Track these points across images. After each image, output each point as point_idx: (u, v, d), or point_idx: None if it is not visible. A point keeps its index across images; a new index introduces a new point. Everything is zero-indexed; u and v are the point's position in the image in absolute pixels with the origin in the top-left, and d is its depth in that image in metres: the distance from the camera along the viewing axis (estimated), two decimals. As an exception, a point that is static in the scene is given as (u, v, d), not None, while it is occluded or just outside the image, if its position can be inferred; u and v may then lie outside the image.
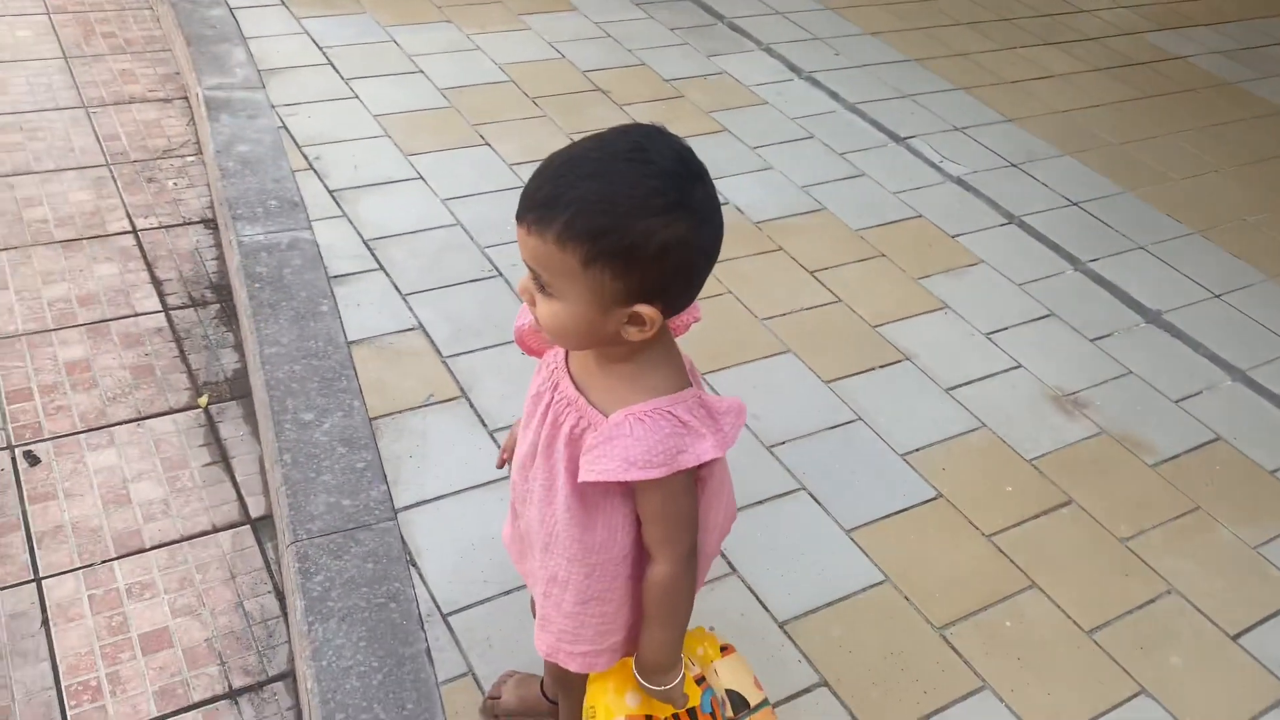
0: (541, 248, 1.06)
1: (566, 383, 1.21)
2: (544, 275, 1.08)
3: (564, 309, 1.09)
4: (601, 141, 1.07)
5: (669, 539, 1.21)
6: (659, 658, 1.28)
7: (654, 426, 1.12)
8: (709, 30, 4.35)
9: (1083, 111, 4.17)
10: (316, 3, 4.05)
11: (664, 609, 1.25)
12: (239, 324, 2.62)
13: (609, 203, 1.03)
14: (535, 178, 1.07)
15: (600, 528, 1.23)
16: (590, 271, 1.05)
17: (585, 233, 1.03)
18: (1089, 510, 2.32)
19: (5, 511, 2.09)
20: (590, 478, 1.15)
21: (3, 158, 3.11)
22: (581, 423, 1.18)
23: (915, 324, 2.81)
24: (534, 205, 1.06)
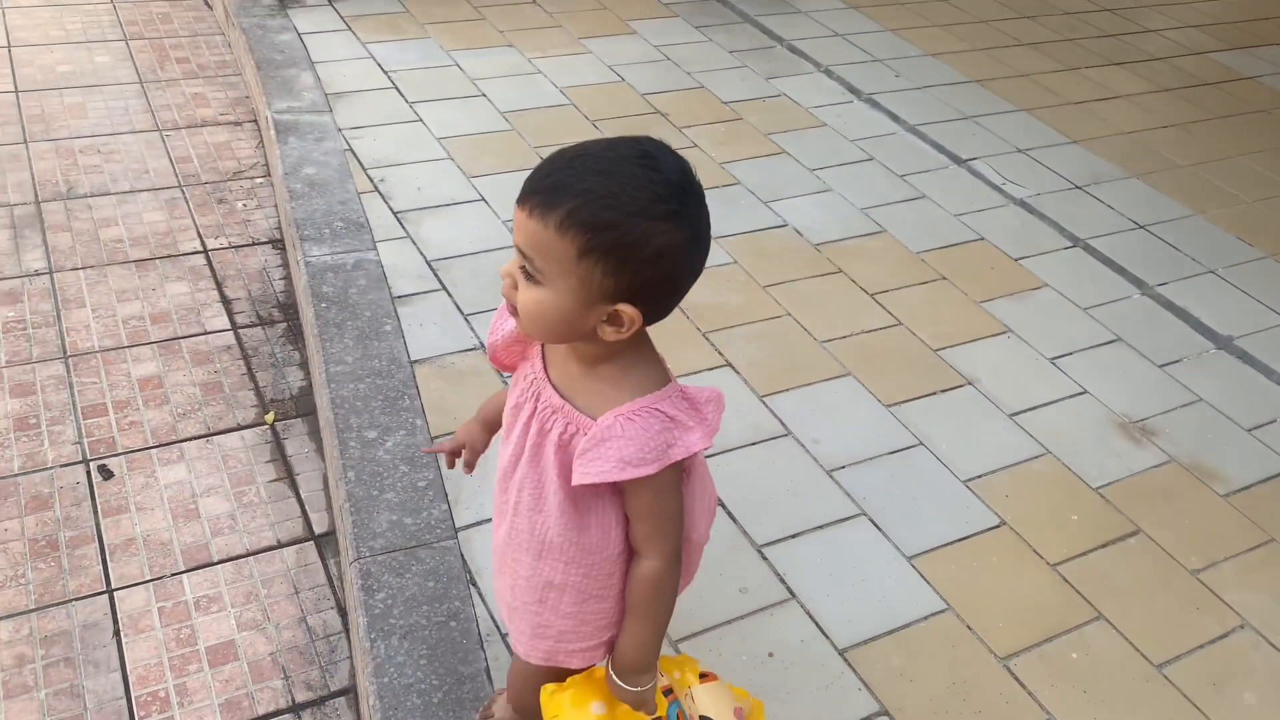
0: (541, 232, 1.07)
1: (549, 391, 1.23)
2: (536, 260, 1.09)
3: (548, 297, 1.11)
4: (612, 144, 1.10)
5: (657, 534, 1.24)
6: (639, 655, 1.29)
7: (644, 425, 1.15)
8: (768, 53, 4.36)
9: (1150, 133, 4.10)
10: (382, 28, 4.13)
11: (649, 605, 1.27)
12: (305, 343, 2.67)
13: (615, 199, 1.05)
14: (544, 165, 1.09)
15: (594, 528, 1.25)
16: (584, 263, 1.07)
17: (587, 223, 1.05)
18: (1158, 541, 2.27)
19: (80, 524, 2.14)
20: (586, 480, 1.16)
21: (82, 179, 3.21)
22: (570, 428, 1.20)
23: (978, 348, 2.78)
24: (540, 189, 1.07)
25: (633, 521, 1.24)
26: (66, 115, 3.53)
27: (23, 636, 1.92)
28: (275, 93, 3.54)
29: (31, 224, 2.98)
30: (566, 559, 1.26)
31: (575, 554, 1.26)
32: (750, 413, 2.47)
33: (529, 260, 1.10)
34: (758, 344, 2.69)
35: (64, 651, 1.90)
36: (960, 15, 5.00)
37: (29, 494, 2.19)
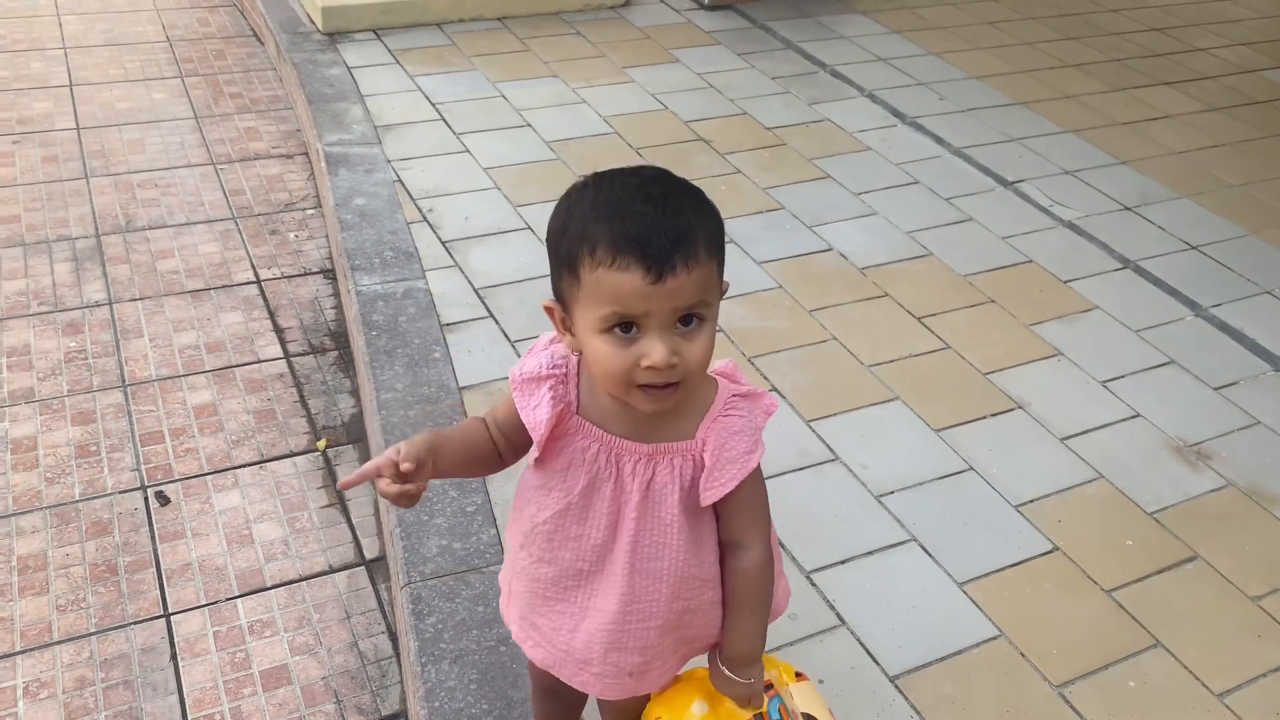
0: (700, 272, 1.08)
1: (631, 445, 1.21)
2: (705, 301, 1.10)
3: (710, 327, 1.13)
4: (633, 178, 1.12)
5: (757, 523, 1.26)
6: (751, 647, 1.30)
7: (740, 414, 1.20)
8: (811, 78, 4.37)
9: (1200, 152, 4.05)
10: (429, 61, 4.21)
11: (759, 595, 1.29)
12: (356, 370, 2.71)
13: (704, 206, 1.12)
14: (644, 237, 1.05)
15: (708, 539, 1.27)
16: (720, 269, 1.13)
17: (714, 236, 1.11)
18: (1216, 567, 2.22)
19: (138, 549, 2.19)
20: (729, 487, 1.19)
21: (140, 212, 3.30)
22: (676, 461, 1.21)
23: (1027, 371, 2.75)
24: (675, 246, 1.06)
25: (731, 516, 1.25)
26: (125, 151, 3.63)
27: (84, 659, 1.96)
28: (326, 126, 3.61)
29: (92, 256, 3.07)
30: (698, 582, 1.28)
31: (703, 573, 1.28)
32: (797, 438, 2.46)
33: (697, 310, 1.09)
34: (803, 368, 2.69)
35: (123, 674, 1.94)
36: (1004, 38, 4.99)
37: (89, 520, 2.24)
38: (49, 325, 2.78)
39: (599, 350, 1.11)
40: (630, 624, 1.28)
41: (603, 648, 1.30)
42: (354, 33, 4.37)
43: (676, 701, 1.34)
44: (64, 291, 2.91)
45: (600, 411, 1.22)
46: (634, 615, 1.28)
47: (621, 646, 1.30)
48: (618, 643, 1.30)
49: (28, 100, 3.91)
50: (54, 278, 2.97)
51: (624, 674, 1.32)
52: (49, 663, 1.95)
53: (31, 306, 2.85)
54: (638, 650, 1.30)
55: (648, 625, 1.28)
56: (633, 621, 1.28)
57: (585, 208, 1.10)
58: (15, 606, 2.05)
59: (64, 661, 1.95)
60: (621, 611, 1.27)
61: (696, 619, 1.31)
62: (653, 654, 1.31)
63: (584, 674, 1.34)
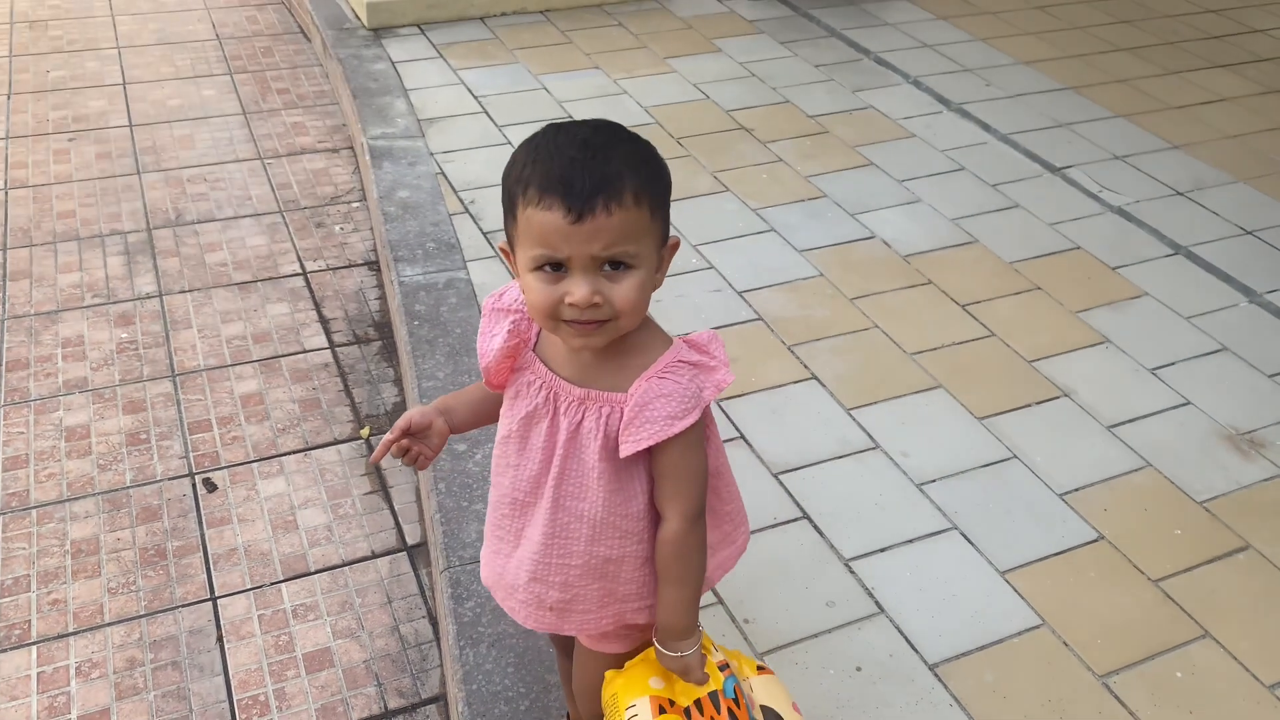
0: (625, 217, 1.10)
1: (567, 386, 1.25)
2: (628, 246, 1.12)
3: (643, 275, 1.15)
4: (571, 127, 1.15)
5: (679, 494, 1.25)
6: (677, 619, 1.29)
7: (676, 378, 1.20)
8: (854, 65, 4.33)
9: (1257, 135, 3.95)
10: (472, 54, 4.23)
11: (678, 567, 1.28)
12: (399, 360, 2.74)
13: (646, 150, 1.16)
14: (567, 171, 1.10)
15: (639, 494, 1.27)
16: (655, 219, 1.15)
17: (649, 180, 1.13)
18: (1268, 557, 2.17)
19: (186, 534, 2.24)
20: (641, 445, 1.19)
21: (190, 206, 3.36)
22: (604, 409, 1.23)
23: (1074, 359, 2.71)
24: (598, 187, 1.09)
25: (657, 482, 1.26)
26: (176, 146, 3.71)
27: (134, 640, 2.01)
28: (370, 120, 3.65)
29: (143, 250, 3.13)
30: (620, 532, 1.28)
31: (627, 525, 1.28)
32: (837, 426, 2.45)
33: (621, 255, 1.12)
34: (844, 357, 2.67)
35: (171, 655, 1.98)
36: (1053, 22, 4.90)
37: (139, 505, 2.30)
38: (102, 317, 2.85)
39: (529, 286, 1.16)
40: (552, 557, 1.32)
41: (527, 576, 1.34)
42: (398, 28, 4.41)
43: (634, 675, 1.34)
44: (116, 284, 2.98)
45: (552, 351, 1.27)
46: (555, 549, 1.31)
47: (543, 579, 1.33)
48: (539, 574, 1.33)
49: (83, 99, 4.00)
50: (107, 270, 3.03)
51: (545, 607, 1.35)
52: (100, 644, 2.00)
53: (85, 298, 2.92)
54: (559, 585, 1.33)
55: (568, 562, 1.31)
56: (554, 555, 1.31)
57: (528, 152, 1.15)
58: (68, 589, 2.10)
59: (115, 643, 2.00)
60: (544, 544, 1.31)
61: (624, 571, 1.31)
62: (574, 593, 1.33)
63: (511, 600, 1.39)
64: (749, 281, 2.93)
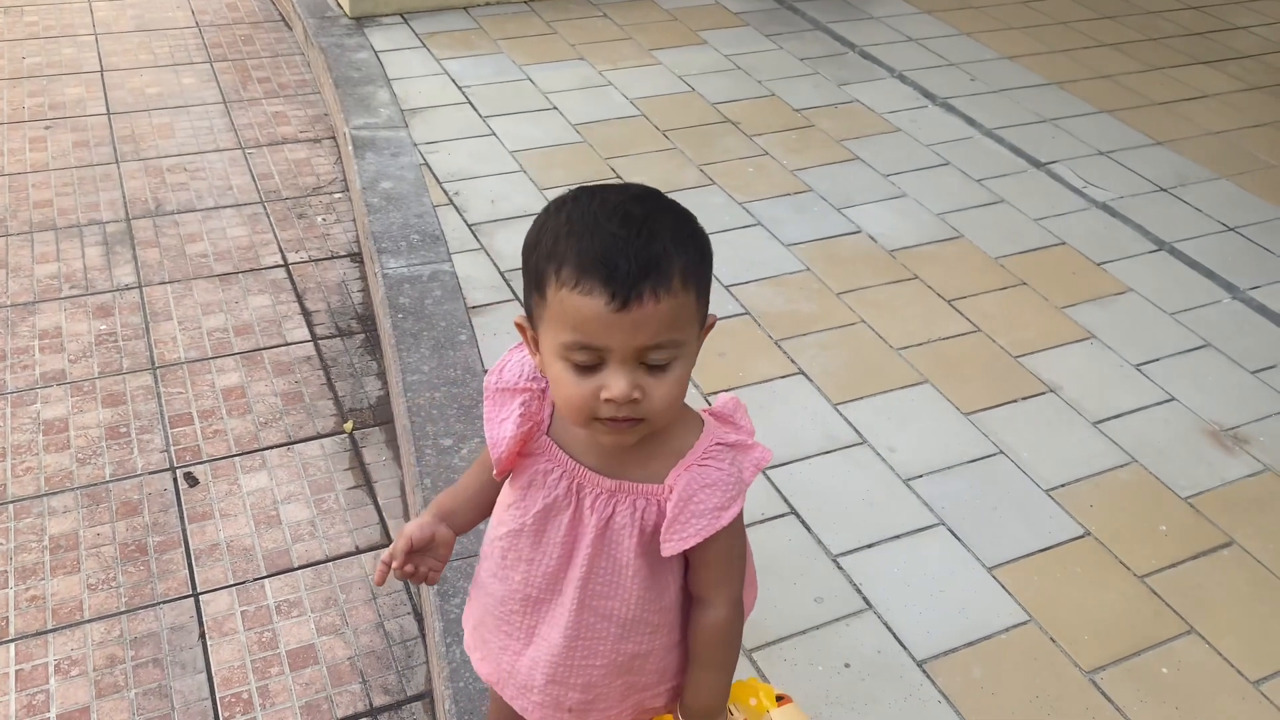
0: (673, 304, 0.99)
1: (594, 477, 1.14)
2: (676, 336, 1.01)
3: (683, 369, 1.04)
4: (608, 199, 1.03)
5: (724, 580, 1.19)
6: (713, 702, 1.24)
7: (717, 465, 1.11)
8: (840, 59, 4.33)
9: (1239, 132, 3.97)
10: (456, 44, 4.20)
11: (720, 653, 1.22)
12: (382, 353, 2.71)
13: (685, 228, 1.04)
14: (610, 260, 0.98)
15: (670, 588, 1.20)
16: (700, 301, 1.04)
17: (695, 263, 1.02)
18: (1252, 553, 2.18)
19: (167, 530, 2.21)
20: (689, 543, 1.10)
21: (170, 196, 3.32)
22: (639, 503, 1.13)
23: (1060, 354, 2.71)
24: (644, 272, 0.98)
25: (699, 568, 1.18)
26: (155, 135, 3.66)
27: (114, 637, 1.98)
28: (353, 109, 3.61)
29: (122, 240, 3.09)
30: (651, 627, 1.21)
31: (659, 619, 1.21)
32: (824, 421, 2.44)
33: (666, 347, 1.01)
34: (831, 352, 2.66)
35: (152, 652, 1.96)
36: (1038, 17, 4.91)
37: (119, 500, 2.26)
38: (80, 308, 2.81)
39: (559, 377, 1.04)
40: (575, 659, 1.22)
41: (544, 678, 1.24)
42: (381, 16, 4.37)
43: None
44: (95, 275, 2.94)
45: (570, 436, 1.16)
46: (579, 651, 1.22)
47: (563, 681, 1.24)
48: (559, 676, 1.24)
49: (59, 86, 3.94)
50: (85, 261, 2.99)
51: (563, 708, 1.26)
52: (80, 640, 1.97)
53: (63, 289, 2.87)
54: (579, 687, 1.24)
55: (591, 663, 1.22)
56: (577, 657, 1.22)
57: (559, 222, 1.02)
58: (47, 585, 2.07)
59: (94, 639, 1.97)
60: (567, 646, 1.21)
61: (649, 664, 1.24)
62: (596, 694, 1.25)
63: (524, 700, 1.29)
64: (736, 275, 2.92)
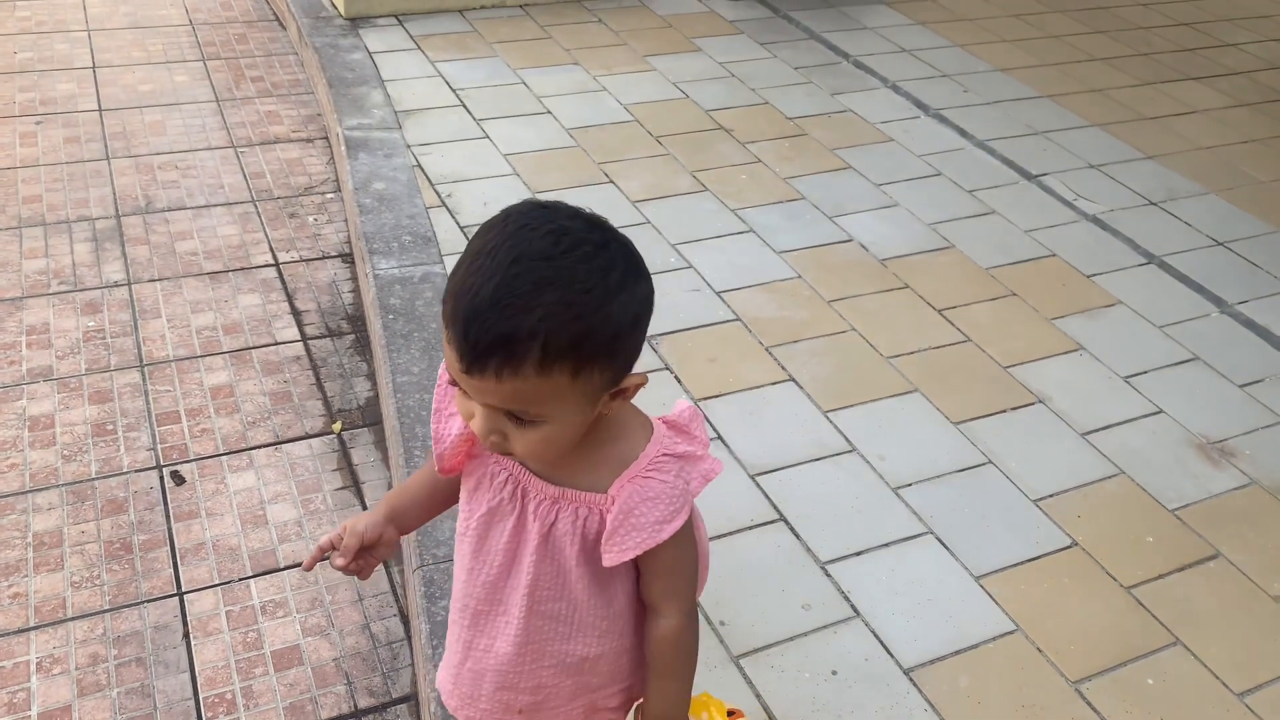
0: (521, 386, 0.95)
1: (538, 483, 1.12)
2: (529, 409, 0.98)
3: (555, 429, 1.01)
4: (514, 249, 0.94)
5: (675, 592, 1.18)
6: (672, 710, 1.24)
7: (661, 477, 1.09)
8: (833, 69, 4.34)
9: (1229, 148, 3.99)
10: (450, 47, 4.19)
11: (676, 661, 1.21)
12: (372, 354, 2.70)
13: (577, 305, 0.93)
14: (471, 319, 0.93)
15: (620, 594, 1.20)
16: (579, 380, 0.97)
17: (567, 347, 0.94)
18: (1238, 565, 2.19)
19: (153, 528, 2.19)
20: (629, 556, 1.09)
21: (160, 194, 3.30)
22: (581, 511, 1.11)
23: (1049, 365, 2.72)
24: (493, 348, 0.93)
25: (648, 578, 1.17)
26: (146, 132, 3.64)
27: (97, 636, 1.96)
28: (346, 110, 3.61)
29: (112, 237, 3.07)
30: (599, 632, 1.20)
31: (607, 625, 1.20)
32: (813, 428, 2.44)
33: (519, 414, 0.99)
34: (821, 359, 2.66)
35: (136, 651, 1.94)
36: (1031, 31, 4.93)
37: (105, 498, 2.25)
38: (68, 304, 2.79)
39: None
40: (525, 664, 1.22)
41: (493, 685, 1.24)
42: (376, 18, 4.36)
43: None
44: (83, 271, 2.92)
45: None
46: (529, 656, 1.21)
47: (512, 686, 1.24)
48: (508, 683, 1.23)
49: (51, 81, 3.92)
50: (74, 257, 2.97)
51: (512, 711, 1.26)
52: (62, 639, 1.95)
53: (51, 285, 2.86)
54: (529, 690, 1.24)
55: (540, 664, 1.22)
56: (527, 662, 1.22)
57: (474, 246, 0.98)
58: (30, 582, 2.05)
59: (77, 638, 1.96)
60: (517, 654, 1.21)
61: (600, 666, 1.23)
62: (545, 694, 1.25)
63: (471, 709, 1.28)
64: (727, 282, 2.92)
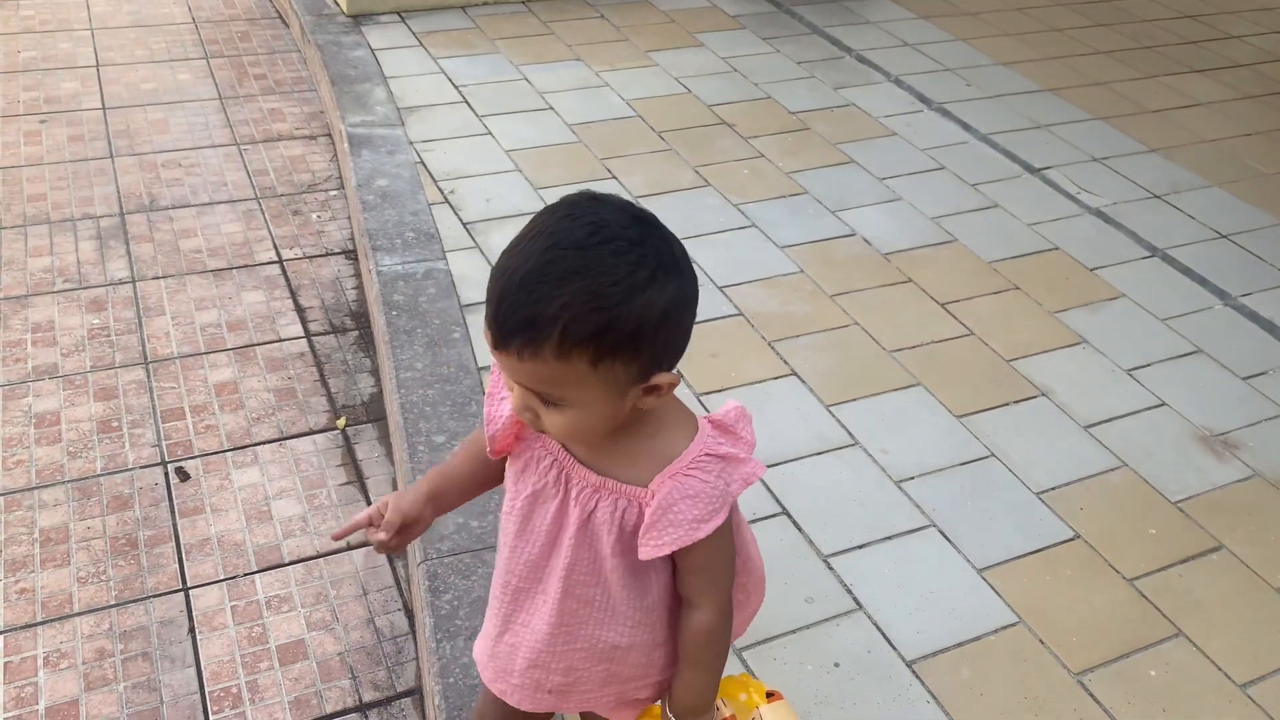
0: (541, 368, 0.99)
1: (581, 470, 1.14)
2: (551, 392, 1.02)
3: (580, 414, 1.04)
4: (553, 236, 0.99)
5: (712, 585, 1.19)
6: (699, 701, 1.25)
7: (702, 476, 1.10)
8: (836, 63, 4.34)
9: (1232, 141, 3.99)
10: (453, 43, 4.20)
11: (707, 655, 1.23)
12: (376, 350, 2.71)
13: (599, 297, 0.97)
14: (501, 299, 0.99)
15: (655, 587, 1.21)
16: (601, 369, 1.00)
17: (587, 336, 0.97)
18: (1241, 557, 2.19)
19: (158, 524, 2.20)
20: (664, 551, 1.11)
21: (164, 192, 3.31)
22: (620, 503, 1.13)
23: (1052, 359, 2.72)
24: (517, 329, 0.98)
25: (685, 573, 1.18)
26: (150, 131, 3.65)
27: (103, 631, 1.97)
28: (349, 107, 3.61)
29: (116, 235, 3.09)
30: (632, 623, 1.22)
31: (640, 616, 1.22)
32: (816, 422, 2.44)
33: (541, 395, 1.03)
34: (824, 353, 2.67)
35: (142, 646, 1.95)
36: (1033, 24, 4.93)
37: (110, 494, 2.26)
38: (73, 302, 2.80)
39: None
40: (557, 645, 1.24)
41: (525, 662, 1.27)
42: (378, 15, 4.37)
43: None
44: (88, 269, 2.93)
45: None
46: (561, 637, 1.24)
47: (544, 665, 1.26)
48: (540, 661, 1.26)
49: (55, 80, 3.93)
50: (79, 255, 2.98)
51: (543, 690, 1.29)
52: (69, 634, 1.96)
53: (56, 283, 2.87)
54: (561, 671, 1.27)
55: (573, 647, 1.24)
56: (559, 643, 1.24)
57: (526, 229, 1.04)
58: (37, 578, 2.07)
59: (84, 633, 1.97)
60: (550, 634, 1.23)
61: (631, 658, 1.25)
62: (576, 676, 1.27)
63: (503, 682, 1.31)
64: (730, 277, 2.93)
